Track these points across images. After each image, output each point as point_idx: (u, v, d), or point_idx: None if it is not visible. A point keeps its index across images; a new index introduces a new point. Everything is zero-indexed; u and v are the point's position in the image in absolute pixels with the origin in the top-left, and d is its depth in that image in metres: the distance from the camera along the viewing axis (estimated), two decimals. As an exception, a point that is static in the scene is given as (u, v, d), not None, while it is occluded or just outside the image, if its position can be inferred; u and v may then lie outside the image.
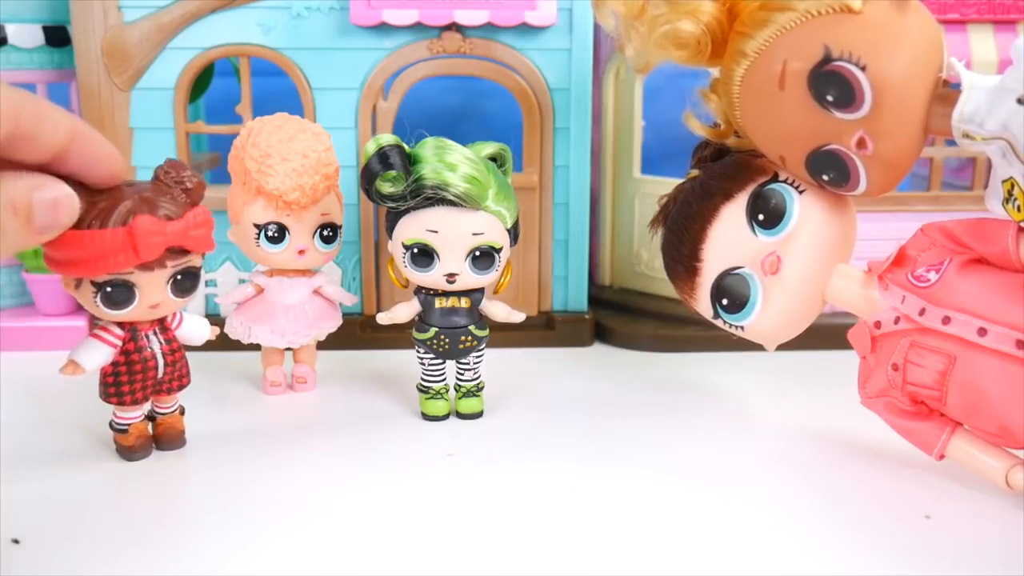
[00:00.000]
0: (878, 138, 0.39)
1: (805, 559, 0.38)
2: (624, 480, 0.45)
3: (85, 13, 0.60)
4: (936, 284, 0.41)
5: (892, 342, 0.43)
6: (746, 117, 0.44)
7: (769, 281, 0.45)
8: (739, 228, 0.46)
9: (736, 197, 0.46)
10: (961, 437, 0.42)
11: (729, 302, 0.46)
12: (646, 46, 0.45)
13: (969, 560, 0.37)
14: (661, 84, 0.78)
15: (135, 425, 0.46)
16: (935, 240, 0.43)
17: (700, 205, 0.47)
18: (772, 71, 0.41)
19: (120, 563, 0.37)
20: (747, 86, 0.43)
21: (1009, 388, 0.39)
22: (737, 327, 0.47)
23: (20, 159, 0.33)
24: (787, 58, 0.40)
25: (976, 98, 0.37)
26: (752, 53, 0.42)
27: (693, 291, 0.48)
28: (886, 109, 0.38)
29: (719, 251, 0.47)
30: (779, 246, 0.45)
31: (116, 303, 0.42)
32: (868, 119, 0.39)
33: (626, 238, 0.73)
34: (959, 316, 0.40)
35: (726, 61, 0.43)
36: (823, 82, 0.39)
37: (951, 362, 0.40)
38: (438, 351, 0.51)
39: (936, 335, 0.41)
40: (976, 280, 0.40)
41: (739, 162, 0.47)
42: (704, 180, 0.48)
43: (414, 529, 0.40)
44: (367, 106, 0.63)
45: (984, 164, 0.67)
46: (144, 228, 0.39)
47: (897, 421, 0.44)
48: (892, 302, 0.43)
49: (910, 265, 0.43)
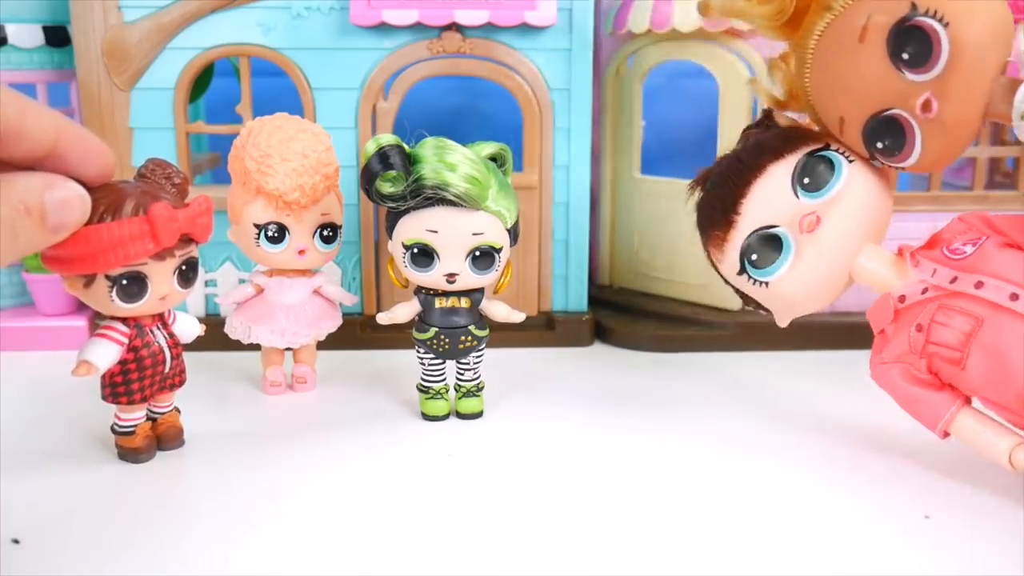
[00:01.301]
0: (944, 100, 0.40)
1: (805, 559, 0.38)
2: (624, 480, 0.45)
3: (85, 13, 0.60)
4: (972, 256, 0.42)
5: (918, 309, 0.43)
6: (816, 76, 0.45)
7: (804, 239, 0.45)
8: (783, 188, 0.46)
9: (786, 157, 0.46)
10: (968, 414, 0.42)
11: (759, 257, 0.46)
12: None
13: (969, 560, 0.37)
14: (661, 84, 0.78)
15: (140, 426, 0.46)
16: (972, 225, 0.44)
17: (750, 159, 0.47)
18: (855, 25, 0.42)
19: (120, 563, 0.37)
20: (825, 40, 0.44)
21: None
22: (762, 283, 0.47)
23: (9, 157, 0.33)
24: (872, 12, 0.41)
25: None
26: (839, 7, 0.43)
27: (724, 243, 0.48)
28: (959, 69, 0.39)
29: (759, 207, 0.46)
30: (821, 208, 0.45)
31: (131, 295, 0.42)
32: (939, 80, 0.40)
33: (626, 238, 0.73)
34: (992, 281, 0.40)
35: (809, 16, 0.44)
36: (904, 37, 0.40)
37: (978, 324, 0.41)
38: (438, 351, 0.51)
39: (966, 298, 0.41)
40: (1013, 254, 0.41)
41: (795, 128, 0.48)
42: (758, 138, 0.49)
43: (414, 529, 0.40)
44: (367, 106, 0.63)
45: (984, 165, 0.67)
46: (162, 214, 0.40)
47: (907, 388, 0.44)
48: (923, 276, 0.43)
49: (945, 245, 0.44)
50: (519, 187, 0.59)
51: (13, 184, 0.33)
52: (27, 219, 0.33)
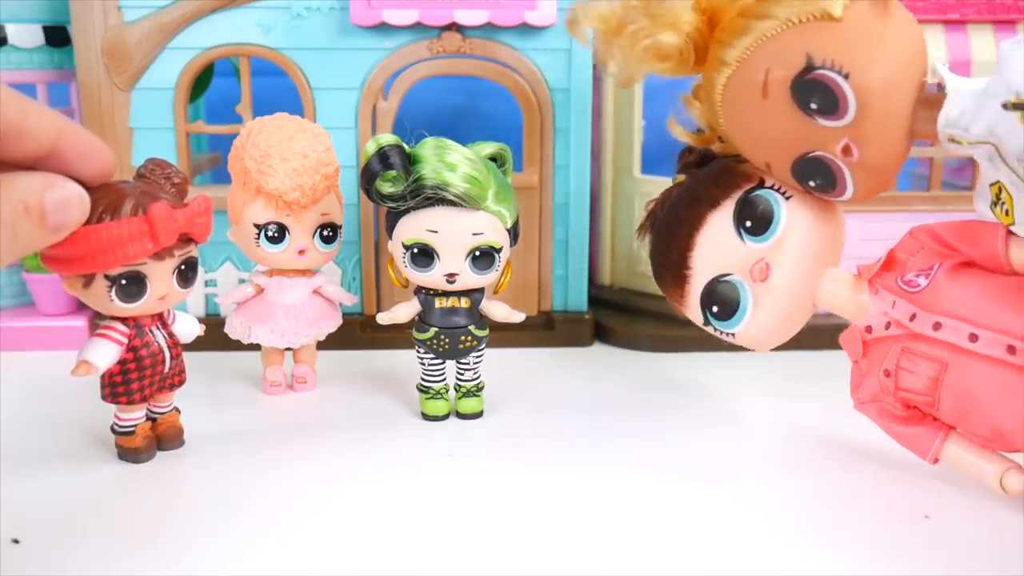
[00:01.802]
0: (863, 145, 0.39)
1: (805, 559, 0.38)
2: (624, 480, 0.45)
3: (85, 13, 0.60)
4: (926, 289, 0.41)
5: (884, 347, 0.42)
6: (730, 124, 0.44)
7: (759, 288, 0.45)
8: (727, 235, 0.46)
9: (723, 204, 0.46)
10: (955, 442, 0.42)
11: (719, 309, 0.46)
12: (628, 61, 0.44)
13: (969, 560, 0.37)
14: (661, 84, 0.78)
15: (140, 426, 0.46)
16: (923, 243, 0.42)
17: (687, 212, 0.47)
18: (754, 79, 0.41)
19: (120, 563, 0.37)
20: (729, 94, 0.42)
21: (1001, 393, 0.39)
22: (728, 334, 0.47)
23: (10, 156, 0.33)
24: (769, 66, 0.40)
25: (961, 102, 0.37)
26: (733, 62, 0.41)
27: (683, 299, 0.48)
28: (870, 116, 0.38)
29: (707, 258, 0.46)
30: (767, 253, 0.45)
31: (130, 295, 0.42)
32: (853, 126, 0.39)
33: (626, 238, 0.73)
34: (949, 322, 0.39)
35: (707, 70, 0.43)
36: (806, 90, 0.39)
37: (943, 368, 0.40)
38: (438, 351, 0.51)
39: (927, 341, 0.40)
40: (966, 285, 0.40)
41: (725, 168, 0.47)
42: (690, 186, 0.48)
43: (414, 529, 0.40)
44: (367, 106, 0.63)
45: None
46: (161, 214, 0.40)
47: (890, 426, 0.44)
48: (882, 307, 0.42)
49: (900, 269, 0.43)
50: (519, 187, 0.59)
51: (13, 184, 0.33)
52: (27, 219, 0.33)
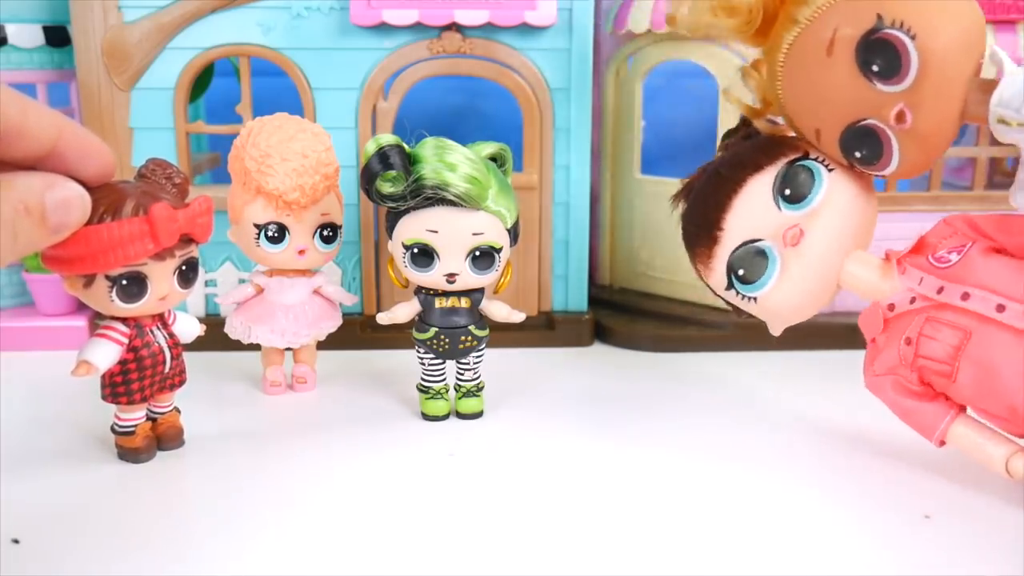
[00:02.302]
0: (918, 111, 0.39)
1: (805, 559, 0.38)
2: (624, 480, 0.45)
3: (85, 13, 0.60)
4: (957, 264, 0.41)
5: (907, 320, 0.43)
6: (788, 88, 0.44)
7: (789, 253, 0.45)
8: (764, 201, 0.46)
9: (766, 170, 0.46)
10: (963, 423, 0.42)
11: (746, 273, 0.46)
12: (698, 8, 0.45)
13: (969, 560, 0.37)
14: (661, 84, 0.78)
15: (141, 426, 0.46)
16: (957, 229, 0.43)
17: (729, 173, 0.47)
18: (822, 38, 0.41)
19: (120, 563, 0.37)
20: (794, 54, 0.43)
21: (1022, 367, 0.39)
22: (750, 298, 0.46)
23: (10, 156, 0.33)
24: (838, 24, 0.40)
25: (1015, 84, 0.37)
26: (804, 20, 0.42)
27: (710, 260, 0.48)
28: (930, 81, 0.39)
29: (742, 222, 0.46)
30: (803, 220, 0.45)
31: (131, 296, 0.42)
32: (910, 91, 0.39)
33: (626, 238, 0.73)
34: (978, 292, 0.40)
35: (777, 28, 0.43)
36: (872, 50, 0.39)
37: (966, 337, 0.40)
38: (438, 351, 0.51)
39: (953, 310, 0.41)
40: (998, 262, 0.41)
41: (773, 138, 0.47)
42: (736, 152, 0.48)
43: (414, 529, 0.40)
44: (367, 106, 0.63)
45: (984, 164, 0.67)
46: (162, 215, 0.40)
47: (901, 401, 0.44)
48: (910, 284, 0.43)
49: (931, 251, 0.43)
50: (519, 187, 0.59)
51: (13, 184, 0.33)
52: (27, 219, 0.33)
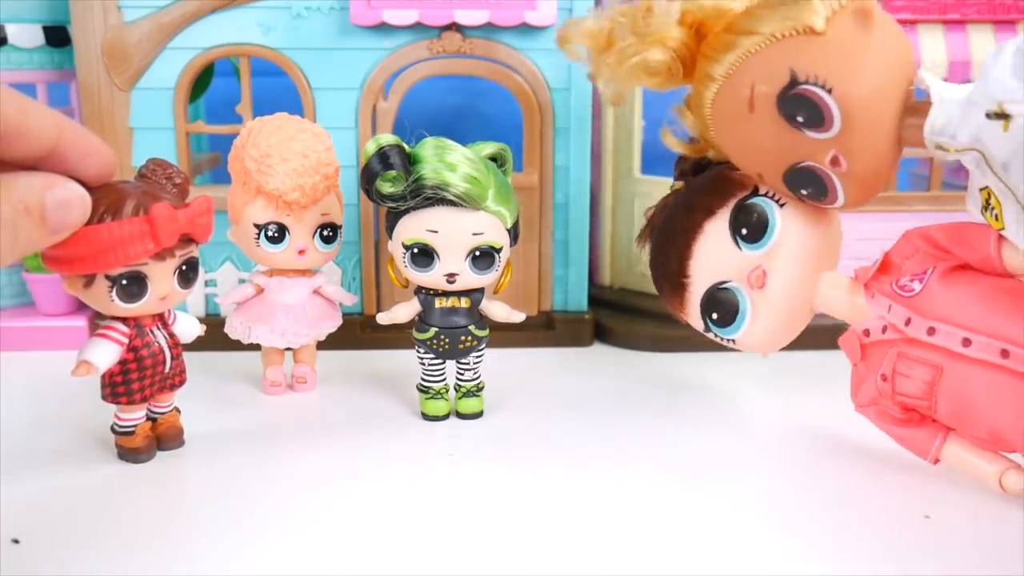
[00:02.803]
0: (851, 156, 0.39)
1: (805, 559, 0.38)
2: (624, 480, 0.45)
3: (85, 13, 0.60)
4: (920, 294, 0.41)
5: (881, 351, 0.43)
6: (720, 137, 0.44)
7: (756, 295, 0.45)
8: (723, 243, 0.46)
9: (718, 212, 0.46)
10: (955, 442, 0.42)
11: (719, 316, 0.47)
12: (617, 77, 0.45)
13: (969, 560, 0.37)
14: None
15: (141, 426, 0.46)
16: (918, 247, 0.43)
17: (683, 221, 0.47)
18: (741, 94, 0.41)
19: (120, 563, 0.37)
20: (718, 108, 0.43)
21: (997, 396, 0.39)
22: (729, 340, 0.47)
23: (10, 156, 0.33)
24: (754, 82, 0.40)
25: (946, 111, 0.37)
26: (719, 77, 0.41)
27: (683, 306, 0.49)
28: (856, 128, 0.38)
29: (705, 266, 0.47)
30: (764, 260, 0.45)
31: (131, 295, 0.42)
32: (839, 138, 0.39)
33: (626, 238, 0.73)
34: (943, 327, 0.40)
35: (695, 84, 0.43)
36: (792, 105, 0.39)
37: (938, 373, 0.40)
38: (438, 351, 0.51)
39: (922, 346, 0.41)
40: (959, 289, 0.40)
41: (719, 176, 0.47)
42: (686, 195, 0.48)
43: (414, 529, 0.40)
44: (367, 106, 0.63)
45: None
46: (162, 215, 0.40)
47: (890, 428, 0.44)
48: (879, 311, 0.43)
49: (895, 272, 0.43)
50: (519, 187, 0.59)
51: (13, 184, 0.33)
52: (27, 219, 0.33)
